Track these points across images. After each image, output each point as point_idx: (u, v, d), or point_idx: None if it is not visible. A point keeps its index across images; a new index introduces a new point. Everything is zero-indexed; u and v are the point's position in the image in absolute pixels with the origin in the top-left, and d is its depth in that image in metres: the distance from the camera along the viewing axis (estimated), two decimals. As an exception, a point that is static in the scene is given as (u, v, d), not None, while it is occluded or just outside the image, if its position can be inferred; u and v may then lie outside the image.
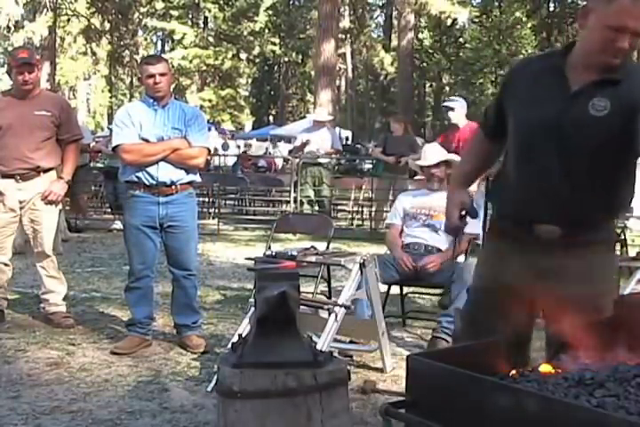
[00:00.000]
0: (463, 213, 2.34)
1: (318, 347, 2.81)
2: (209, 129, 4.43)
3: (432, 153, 4.64)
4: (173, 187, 3.95)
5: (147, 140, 3.91)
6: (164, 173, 3.91)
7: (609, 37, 2.00)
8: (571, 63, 2.13)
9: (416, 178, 8.48)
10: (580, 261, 2.13)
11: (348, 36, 33.72)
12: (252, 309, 3.18)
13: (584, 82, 2.09)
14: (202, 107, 26.74)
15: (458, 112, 6.93)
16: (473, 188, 6.58)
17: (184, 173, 3.97)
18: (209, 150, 4.13)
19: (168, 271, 4.21)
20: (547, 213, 2.14)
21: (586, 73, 2.09)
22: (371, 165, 12.56)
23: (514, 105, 2.21)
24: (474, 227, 4.41)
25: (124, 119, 3.94)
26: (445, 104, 7.25)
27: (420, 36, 36.19)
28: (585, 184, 2.11)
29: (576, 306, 1.91)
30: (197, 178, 4.10)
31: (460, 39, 36.42)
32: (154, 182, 3.91)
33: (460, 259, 4.57)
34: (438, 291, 4.58)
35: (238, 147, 19.61)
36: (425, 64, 37.81)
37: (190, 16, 33.76)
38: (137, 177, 3.92)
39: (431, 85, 42.02)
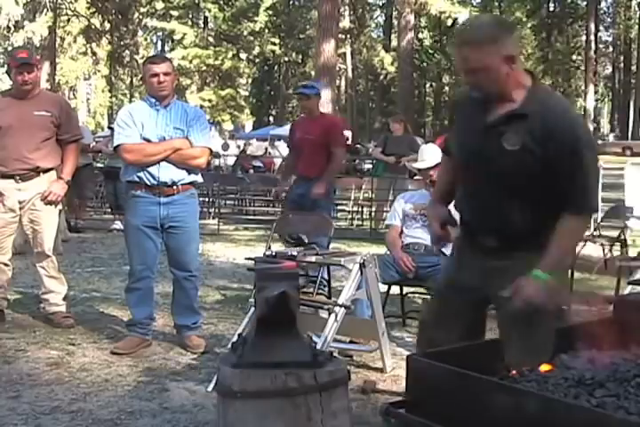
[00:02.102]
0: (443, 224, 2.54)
1: (318, 347, 2.81)
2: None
3: (429, 154, 4.63)
4: (175, 187, 3.94)
5: (148, 141, 3.90)
6: (166, 173, 3.89)
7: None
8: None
9: (416, 178, 8.48)
10: (520, 261, 2.26)
11: (348, 36, 33.73)
12: (252, 309, 3.18)
13: (497, 115, 2.25)
14: (202, 107, 26.71)
15: (313, 101, 5.75)
16: None
17: (185, 174, 3.96)
18: (211, 151, 4.12)
19: (168, 271, 4.20)
20: (484, 226, 2.38)
21: (498, 105, 2.26)
22: (371, 165, 12.56)
23: (454, 132, 2.51)
24: None
25: (125, 119, 3.92)
26: (299, 91, 5.86)
27: (420, 36, 36.20)
28: (511, 206, 2.28)
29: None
30: (199, 178, 4.09)
31: (461, 39, 36.37)
32: (155, 182, 3.89)
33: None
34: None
35: (238, 147, 19.56)
36: (425, 64, 37.79)
37: (190, 16, 33.77)
38: (138, 177, 3.91)
39: (431, 85, 42.05)
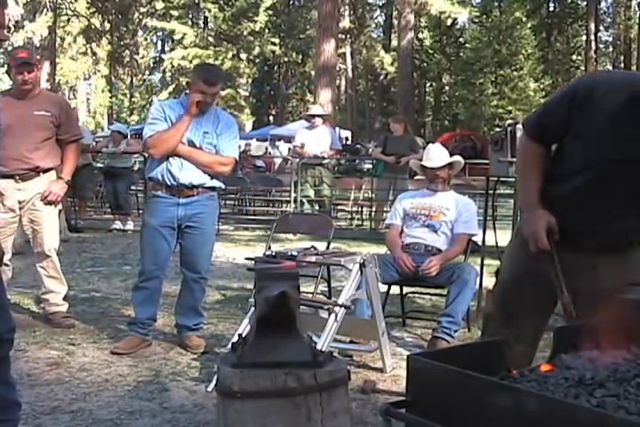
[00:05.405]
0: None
1: (318, 347, 2.81)
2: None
3: (437, 154, 4.63)
4: (194, 190, 3.94)
5: None
6: (186, 175, 3.88)
7: None
8: None
9: (416, 178, 8.50)
10: (612, 258, 2.24)
11: (348, 36, 33.74)
12: (252, 309, 3.18)
13: None
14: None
15: None
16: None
17: (207, 178, 3.95)
18: (236, 160, 4.13)
19: (169, 272, 4.20)
20: (593, 227, 2.26)
21: None
22: (371, 165, 12.55)
23: (592, 131, 2.17)
24: (470, 227, 4.46)
25: (156, 114, 3.93)
26: None
27: (420, 36, 36.21)
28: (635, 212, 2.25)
29: (609, 297, 2.01)
30: (220, 184, 4.07)
31: (460, 39, 36.40)
32: (175, 184, 3.90)
33: (460, 259, 4.57)
34: (438, 291, 4.60)
35: (238, 147, 19.56)
36: (425, 64, 37.80)
37: (190, 16, 33.74)
38: (160, 176, 3.91)
39: (431, 85, 42.02)
